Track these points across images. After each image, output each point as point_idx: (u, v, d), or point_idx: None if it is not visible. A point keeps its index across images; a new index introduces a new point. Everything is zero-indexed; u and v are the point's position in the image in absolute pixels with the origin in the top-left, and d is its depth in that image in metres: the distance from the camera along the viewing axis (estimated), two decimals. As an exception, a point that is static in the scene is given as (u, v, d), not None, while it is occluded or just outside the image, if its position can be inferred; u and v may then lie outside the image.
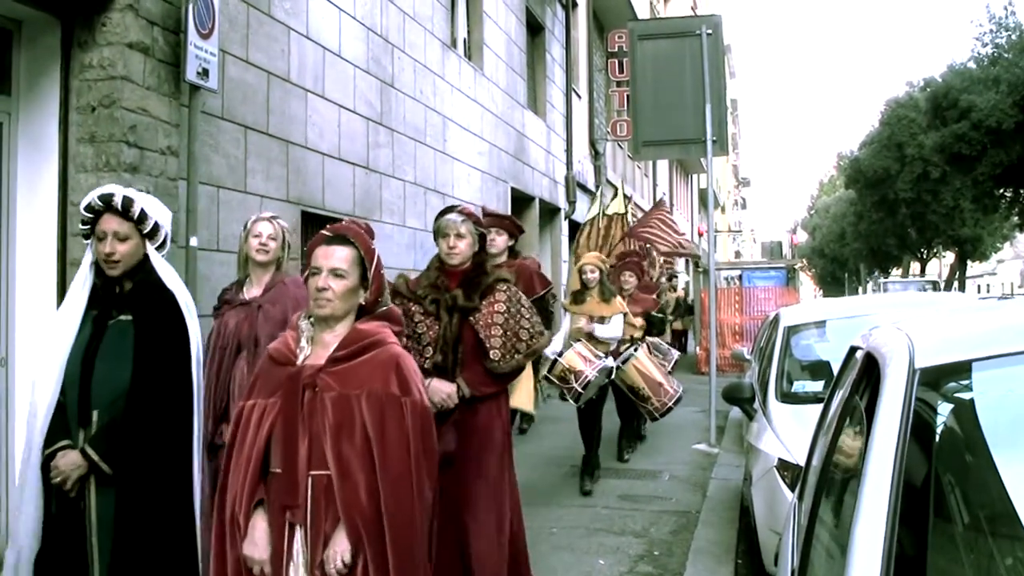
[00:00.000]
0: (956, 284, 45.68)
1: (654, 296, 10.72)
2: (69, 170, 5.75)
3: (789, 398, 6.41)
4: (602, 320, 8.22)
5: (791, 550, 2.96)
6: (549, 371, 7.64)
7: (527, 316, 4.64)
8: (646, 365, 8.54)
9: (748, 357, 11.76)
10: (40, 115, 5.77)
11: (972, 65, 31.96)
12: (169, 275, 3.96)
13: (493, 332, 4.49)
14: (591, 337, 8.10)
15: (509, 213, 6.73)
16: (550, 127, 17.25)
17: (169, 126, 6.11)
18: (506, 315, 4.54)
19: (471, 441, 4.48)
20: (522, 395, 6.15)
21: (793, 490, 4.21)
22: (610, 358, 8.10)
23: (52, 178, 5.73)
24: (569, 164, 18.15)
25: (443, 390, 4.39)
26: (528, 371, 6.06)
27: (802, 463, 3.83)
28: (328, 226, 3.35)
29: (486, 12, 13.67)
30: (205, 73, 6.28)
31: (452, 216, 4.65)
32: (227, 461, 3.10)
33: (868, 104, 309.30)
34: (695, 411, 12.38)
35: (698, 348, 17.90)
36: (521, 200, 15.50)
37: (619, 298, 8.60)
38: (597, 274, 8.37)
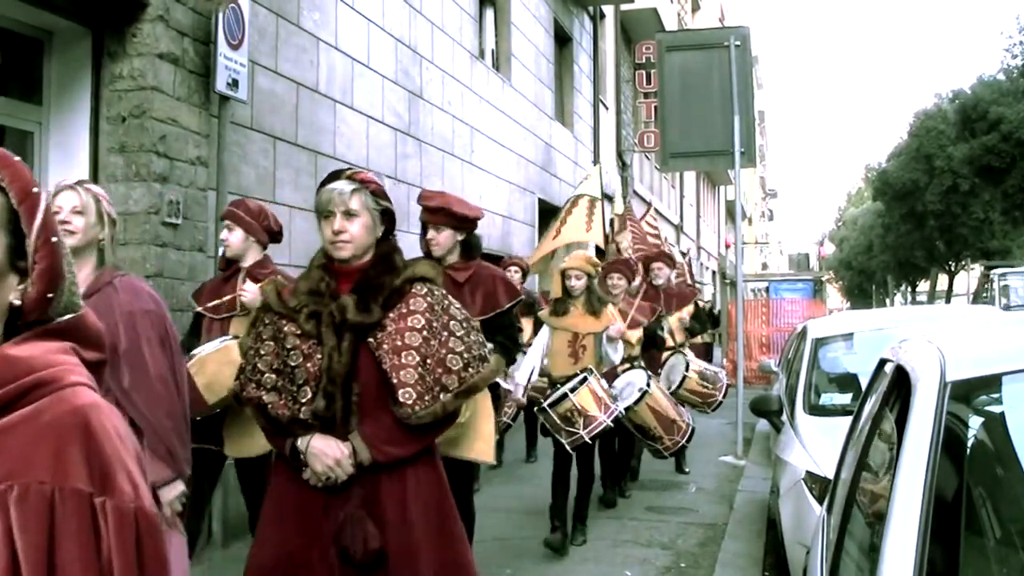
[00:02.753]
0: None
1: (690, 305, 9.88)
2: (100, 180, 5.80)
3: (817, 410, 6.36)
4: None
5: (820, 564, 2.94)
6: (552, 404, 6.32)
7: (460, 333, 3.02)
8: (661, 403, 7.23)
9: (775, 369, 11.70)
10: (71, 125, 5.84)
11: (1001, 77, 31.70)
12: None
13: (404, 361, 2.86)
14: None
15: (487, 212, 4.86)
16: (577, 138, 17.26)
17: (199, 136, 6.16)
18: (425, 333, 2.92)
19: (403, 528, 2.89)
20: (480, 440, 4.62)
21: (821, 503, 4.18)
22: (620, 402, 6.72)
23: (83, 187, 5.78)
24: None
25: (328, 454, 2.83)
26: (487, 407, 4.71)
27: (830, 475, 3.81)
28: None
29: (514, 23, 13.72)
30: (235, 84, 6.33)
31: (337, 185, 2.98)
32: None
33: (896, 116, 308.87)
34: (722, 423, 12.31)
35: (724, 360, 17.80)
36: (548, 211, 15.48)
37: (612, 308, 6.95)
38: (584, 281, 6.71)
